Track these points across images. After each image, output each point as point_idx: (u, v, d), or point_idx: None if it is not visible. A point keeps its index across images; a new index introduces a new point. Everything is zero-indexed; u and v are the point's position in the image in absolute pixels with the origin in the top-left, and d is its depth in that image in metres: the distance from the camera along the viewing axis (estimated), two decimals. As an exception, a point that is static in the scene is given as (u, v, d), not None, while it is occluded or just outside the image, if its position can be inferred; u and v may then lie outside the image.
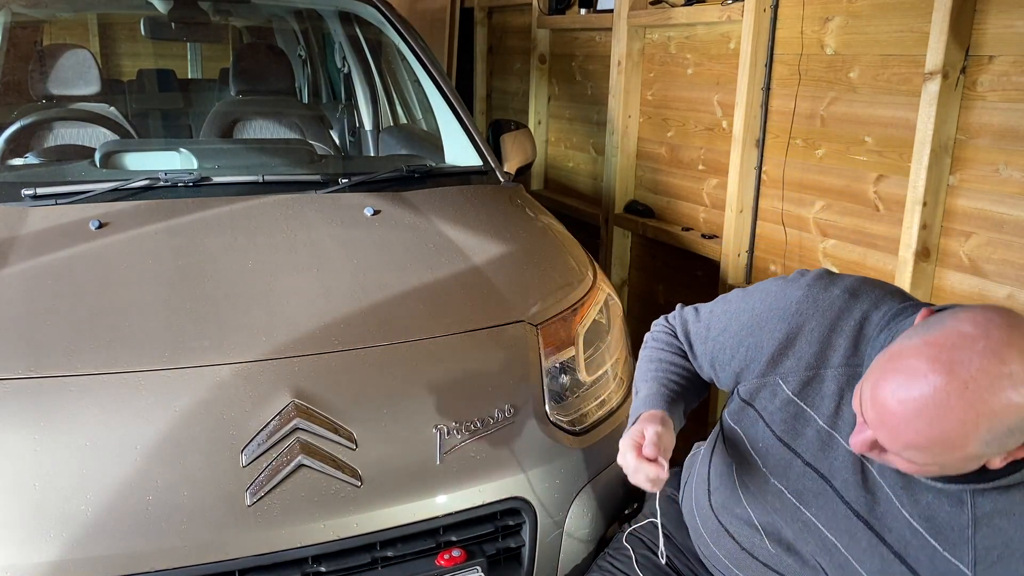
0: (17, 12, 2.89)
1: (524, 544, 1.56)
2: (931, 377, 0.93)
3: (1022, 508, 1.02)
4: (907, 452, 0.98)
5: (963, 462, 0.97)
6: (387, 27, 2.80)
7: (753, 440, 1.26)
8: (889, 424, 0.97)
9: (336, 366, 1.53)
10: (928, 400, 0.93)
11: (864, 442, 1.02)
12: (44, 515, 1.28)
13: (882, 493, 1.12)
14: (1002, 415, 0.91)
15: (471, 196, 2.24)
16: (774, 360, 1.22)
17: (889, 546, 1.11)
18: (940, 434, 0.93)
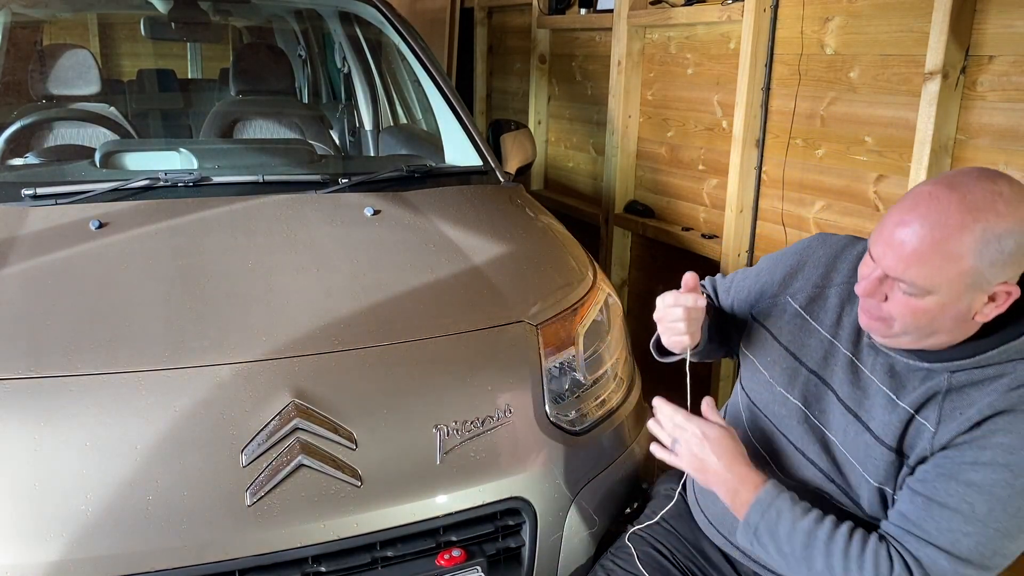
0: (17, 12, 2.89)
1: (524, 544, 1.56)
2: (933, 191, 1.11)
3: (992, 382, 1.16)
4: (911, 271, 1.11)
5: (960, 287, 1.10)
6: (387, 27, 2.80)
7: (763, 356, 1.41)
8: (896, 239, 1.12)
9: (336, 366, 1.53)
10: (931, 207, 1.10)
11: (872, 280, 1.17)
12: (44, 515, 1.28)
13: (872, 387, 1.26)
14: (994, 223, 1.07)
15: (471, 196, 2.24)
16: (785, 282, 1.42)
17: (876, 436, 1.25)
18: (941, 237, 1.08)
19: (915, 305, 1.14)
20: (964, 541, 1.12)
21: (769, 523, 1.23)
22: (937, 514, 1.15)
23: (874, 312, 1.20)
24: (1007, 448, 1.12)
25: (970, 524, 1.12)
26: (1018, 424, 1.13)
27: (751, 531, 1.25)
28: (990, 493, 1.12)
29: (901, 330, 1.19)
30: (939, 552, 1.13)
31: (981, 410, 1.15)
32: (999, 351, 1.16)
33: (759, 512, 1.24)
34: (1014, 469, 1.11)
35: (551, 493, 1.58)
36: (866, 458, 1.26)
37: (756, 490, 1.26)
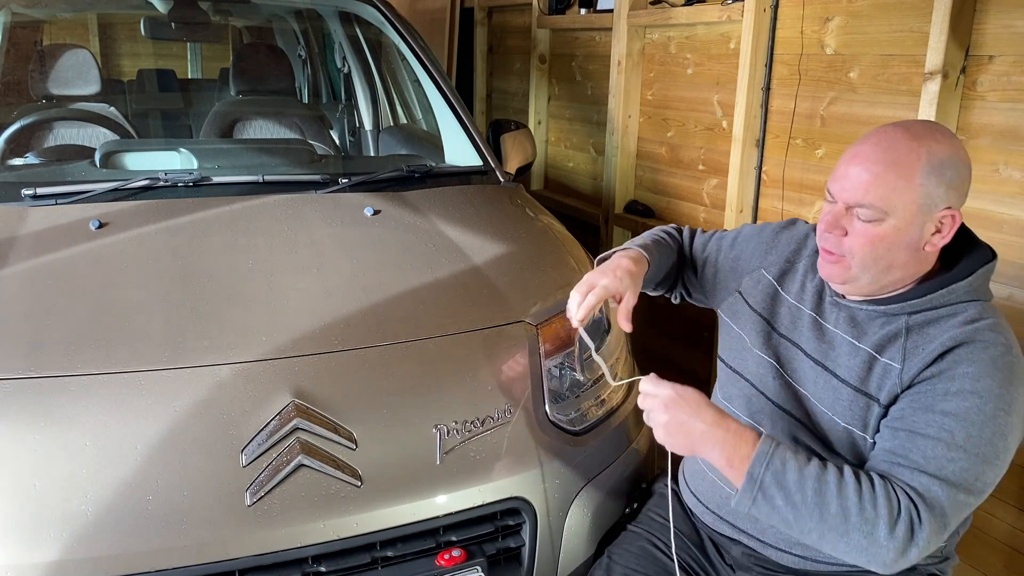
0: (17, 12, 2.89)
1: (524, 544, 1.56)
2: (880, 129, 1.26)
3: (947, 319, 1.26)
4: (870, 194, 1.22)
5: (913, 208, 1.22)
6: (387, 27, 2.80)
7: (742, 323, 1.51)
8: (853, 169, 1.24)
9: (336, 366, 1.53)
10: (880, 138, 1.25)
11: (832, 213, 1.27)
12: (44, 515, 1.28)
13: (837, 339, 1.35)
14: (936, 149, 1.22)
15: (471, 196, 2.24)
16: (762, 256, 1.54)
17: (841, 379, 1.32)
18: (893, 159, 1.22)
19: (874, 233, 1.24)
20: (950, 467, 1.17)
21: (776, 473, 1.18)
22: (921, 444, 1.19)
23: (835, 250, 1.28)
24: (973, 376, 1.19)
25: (952, 451, 1.17)
26: (978, 353, 1.21)
27: (755, 486, 1.19)
28: (966, 419, 1.18)
29: (860, 267, 1.27)
30: (931, 479, 1.17)
31: (943, 343, 1.23)
32: (947, 291, 1.27)
33: (763, 463, 1.19)
34: (983, 395, 1.18)
35: (551, 493, 1.58)
36: (834, 401, 1.33)
37: (754, 443, 1.21)
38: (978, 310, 1.26)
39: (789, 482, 1.18)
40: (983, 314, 1.26)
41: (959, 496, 1.17)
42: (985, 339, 1.22)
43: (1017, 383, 1.20)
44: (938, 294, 1.27)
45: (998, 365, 1.20)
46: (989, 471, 1.18)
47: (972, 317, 1.25)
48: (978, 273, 1.28)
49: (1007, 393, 1.19)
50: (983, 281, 1.30)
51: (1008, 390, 1.19)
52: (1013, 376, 1.20)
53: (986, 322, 1.24)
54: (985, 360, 1.20)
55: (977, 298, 1.28)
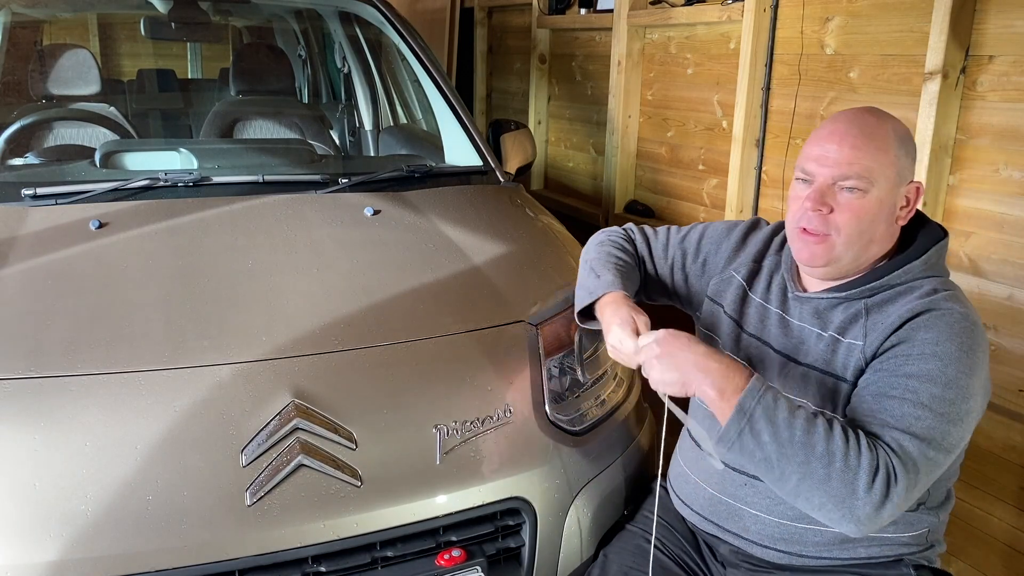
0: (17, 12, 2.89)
1: (524, 544, 1.56)
2: (841, 113, 1.33)
3: (905, 295, 1.30)
4: (855, 165, 1.26)
5: (892, 177, 1.27)
6: (387, 27, 2.80)
7: (713, 325, 1.54)
8: (831, 146, 1.28)
9: (336, 366, 1.52)
10: (848, 117, 1.31)
11: (817, 190, 1.29)
12: (44, 515, 1.28)
13: (804, 332, 1.38)
14: (897, 126, 1.31)
15: (471, 196, 2.24)
16: (731, 258, 1.56)
17: (808, 365, 1.36)
18: (870, 132, 1.28)
19: (859, 205, 1.27)
20: (918, 424, 1.19)
21: (767, 408, 1.17)
22: (888, 404, 1.22)
23: (821, 229, 1.29)
24: (932, 341, 1.23)
25: (919, 409, 1.20)
26: (935, 320, 1.24)
27: (744, 418, 1.17)
28: (929, 380, 1.21)
29: (845, 244, 1.29)
30: (902, 434, 1.19)
31: (901, 315, 1.27)
32: (903, 270, 1.31)
33: (755, 396, 1.18)
34: (943, 359, 1.21)
35: (551, 493, 1.58)
36: (803, 388, 1.35)
37: (747, 377, 1.21)
38: (934, 285, 1.30)
39: (779, 418, 1.17)
40: (940, 287, 1.30)
41: (929, 452, 1.18)
42: (943, 307, 1.25)
43: (977, 348, 1.23)
44: (894, 274, 1.31)
45: (956, 330, 1.23)
46: (955, 430, 1.21)
47: (929, 291, 1.29)
48: (932, 251, 1.32)
49: (967, 357, 1.22)
50: (937, 258, 1.34)
51: (968, 354, 1.22)
52: (973, 342, 1.23)
53: (944, 293, 1.28)
54: (943, 326, 1.23)
55: (933, 274, 1.33)
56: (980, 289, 2.09)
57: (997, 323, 2.05)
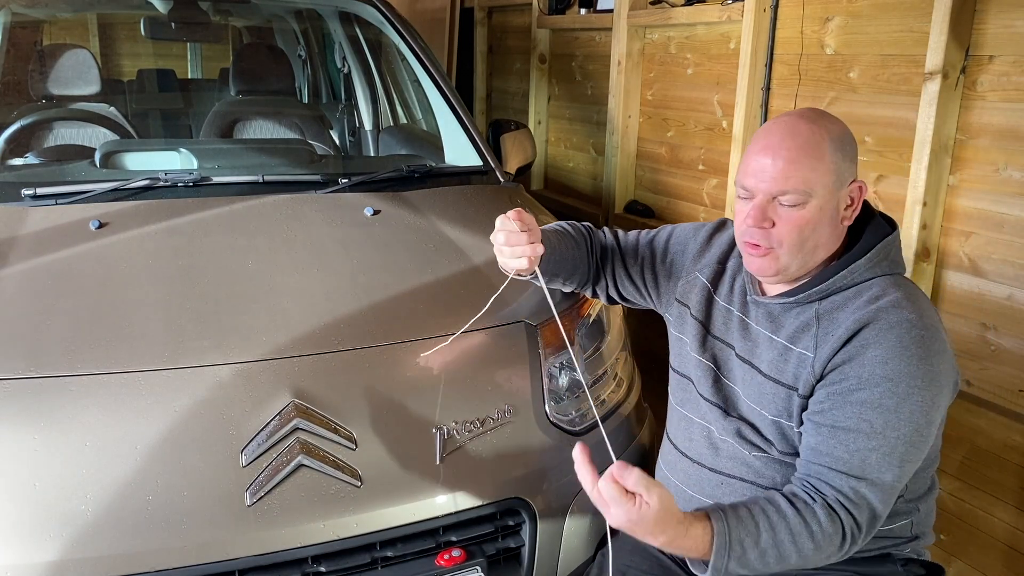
0: (17, 12, 2.89)
1: (524, 544, 1.56)
2: (775, 121, 1.32)
3: (853, 300, 1.30)
4: (791, 179, 1.26)
5: (829, 184, 1.27)
6: (387, 27, 2.80)
7: (683, 329, 1.54)
8: (766, 160, 1.27)
9: (336, 366, 1.53)
10: (781, 128, 1.29)
11: (757, 207, 1.29)
12: (44, 515, 1.28)
13: (760, 336, 1.39)
14: (833, 128, 1.29)
15: (471, 196, 2.24)
16: (695, 259, 1.56)
17: (764, 374, 1.36)
18: (803, 143, 1.26)
19: (798, 217, 1.27)
20: (871, 457, 1.21)
21: (738, 558, 1.20)
22: (843, 438, 1.23)
23: (763, 244, 1.31)
24: (881, 360, 1.22)
25: (872, 439, 1.21)
26: (883, 334, 1.24)
27: (720, 572, 1.20)
28: (880, 406, 1.21)
29: (789, 255, 1.30)
30: (859, 481, 1.21)
31: (848, 327, 1.26)
32: (849, 271, 1.30)
33: (724, 556, 1.19)
34: (893, 378, 1.21)
35: (551, 493, 1.58)
36: (760, 396, 1.36)
37: (710, 541, 1.18)
38: (882, 287, 1.29)
39: (751, 560, 1.21)
40: (887, 290, 1.28)
41: (886, 485, 1.22)
42: (889, 318, 1.25)
43: (929, 354, 1.23)
44: (840, 275, 1.30)
45: (904, 343, 1.22)
46: (911, 450, 1.23)
47: (875, 295, 1.28)
48: (877, 248, 1.31)
49: (918, 368, 1.22)
50: (884, 256, 1.32)
51: (919, 365, 1.22)
52: (923, 349, 1.23)
53: (889, 299, 1.27)
54: (891, 341, 1.23)
55: (882, 273, 1.31)
56: (980, 289, 2.09)
57: (997, 323, 2.05)
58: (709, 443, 1.44)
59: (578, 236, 1.64)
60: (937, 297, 2.20)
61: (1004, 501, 2.07)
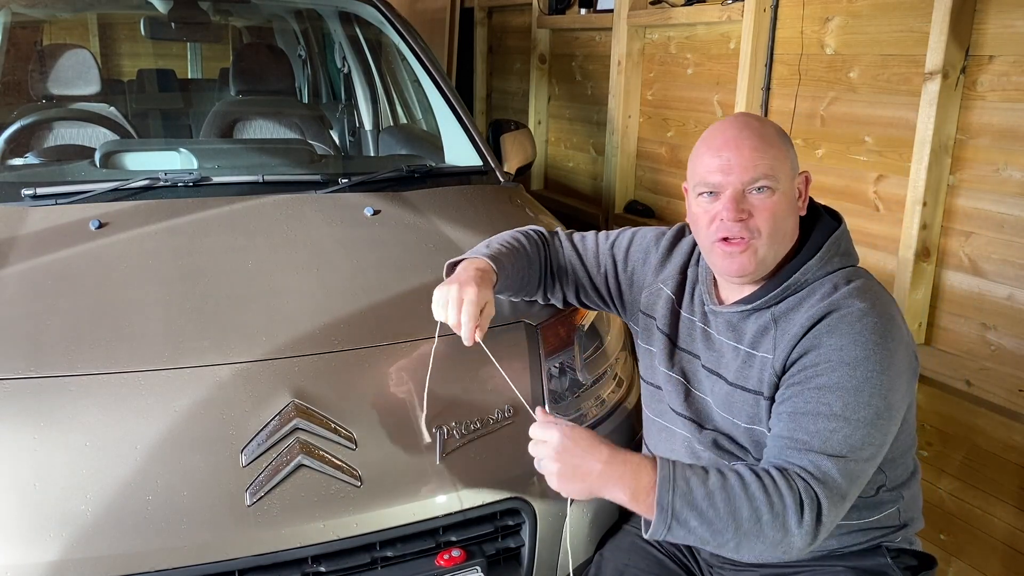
0: (17, 12, 2.89)
1: (524, 544, 1.56)
2: (720, 123, 1.34)
3: (807, 299, 1.30)
4: (759, 165, 1.28)
5: (788, 170, 1.31)
6: (387, 27, 2.80)
7: (651, 342, 1.54)
8: (727, 155, 1.29)
9: (336, 366, 1.52)
10: (731, 125, 1.32)
11: (730, 200, 1.29)
12: (44, 515, 1.28)
13: (724, 346, 1.40)
14: (774, 124, 1.35)
15: (471, 196, 2.24)
16: (657, 270, 1.56)
17: (731, 383, 1.37)
18: (759, 133, 1.30)
19: (772, 203, 1.29)
20: (834, 438, 1.21)
21: (683, 495, 1.16)
22: (803, 421, 1.23)
23: (745, 236, 1.30)
24: (837, 347, 1.24)
25: (833, 421, 1.21)
26: (839, 323, 1.25)
27: (667, 514, 1.16)
28: (839, 388, 1.22)
29: (767, 245, 1.31)
30: (819, 456, 1.20)
31: (803, 324, 1.28)
32: (801, 273, 1.31)
33: (668, 489, 1.16)
34: (850, 363, 1.22)
35: (551, 493, 1.57)
36: (730, 405, 1.37)
37: (653, 470, 1.17)
38: (834, 282, 1.30)
39: (698, 499, 1.16)
40: (840, 285, 1.30)
41: (849, 466, 1.20)
42: (844, 306, 1.26)
43: (886, 340, 1.24)
44: (793, 278, 1.31)
45: (858, 330, 1.23)
46: (874, 433, 1.22)
47: (828, 291, 1.29)
48: (827, 245, 1.32)
49: (875, 354, 1.22)
50: (835, 251, 1.33)
51: (876, 351, 1.22)
52: (880, 335, 1.24)
53: (844, 291, 1.28)
54: (846, 328, 1.24)
55: (834, 269, 1.32)
56: (980, 289, 2.09)
57: (997, 323, 2.05)
58: (691, 453, 1.44)
59: (532, 252, 1.61)
60: (937, 297, 2.20)
61: (1004, 501, 2.07)
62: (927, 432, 2.25)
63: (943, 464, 2.22)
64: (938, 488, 2.23)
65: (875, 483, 1.35)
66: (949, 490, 2.21)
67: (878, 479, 1.35)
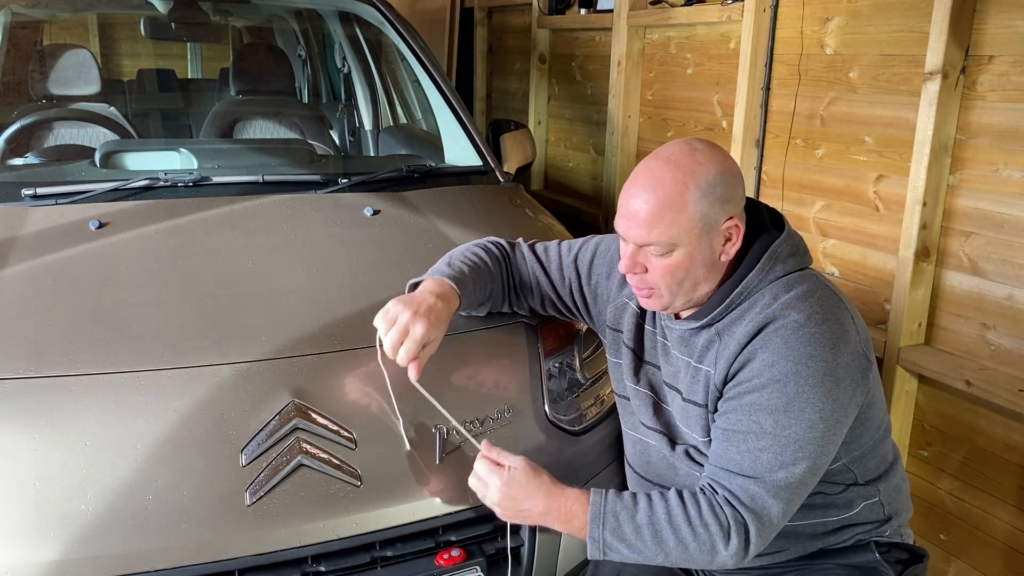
0: (17, 12, 2.89)
1: (523, 544, 1.56)
2: (647, 163, 1.30)
3: (746, 313, 1.30)
4: (653, 233, 1.26)
5: (696, 233, 1.26)
6: (387, 27, 2.80)
7: (617, 353, 1.54)
8: (632, 211, 1.28)
9: (336, 366, 1.53)
10: (647, 177, 1.28)
11: (628, 257, 1.31)
12: (44, 515, 1.28)
13: (678, 360, 1.41)
14: (701, 173, 1.26)
15: (471, 196, 2.24)
16: (621, 284, 1.54)
17: (685, 398, 1.39)
18: (665, 196, 1.25)
19: (668, 264, 1.29)
20: (763, 457, 1.23)
21: (612, 530, 1.26)
22: (735, 440, 1.26)
23: (642, 286, 1.34)
24: (768, 363, 1.25)
25: (762, 439, 1.24)
26: (770, 339, 1.26)
27: (599, 543, 1.27)
28: (769, 406, 1.24)
29: (669, 295, 1.33)
30: (747, 480, 1.24)
31: (739, 340, 1.29)
32: (741, 288, 1.31)
33: (598, 525, 1.27)
34: (780, 379, 1.23)
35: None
36: (688, 419, 1.39)
37: (586, 506, 1.29)
38: (774, 292, 1.30)
39: (626, 533, 1.26)
40: (779, 295, 1.29)
41: (780, 484, 1.23)
42: (780, 317, 1.26)
43: (822, 350, 1.23)
44: (733, 295, 1.31)
45: (790, 343, 1.24)
46: (807, 447, 1.23)
47: (768, 302, 1.29)
48: (764, 258, 1.31)
49: (806, 367, 1.23)
50: (774, 261, 1.32)
51: (808, 363, 1.23)
52: (811, 347, 1.23)
53: (783, 300, 1.28)
54: (777, 344, 1.25)
55: (776, 278, 1.31)
56: (980, 289, 2.09)
57: (997, 323, 2.05)
58: (668, 465, 1.45)
59: (494, 267, 1.62)
60: (937, 297, 2.20)
61: (1004, 501, 2.07)
62: (927, 432, 2.25)
63: (943, 464, 2.22)
64: (938, 488, 2.23)
65: (842, 480, 1.36)
66: (949, 490, 2.21)
67: (845, 477, 1.36)
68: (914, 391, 2.26)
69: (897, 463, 1.45)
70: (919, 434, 2.28)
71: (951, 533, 2.21)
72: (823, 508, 1.36)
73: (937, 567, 2.24)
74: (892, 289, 2.23)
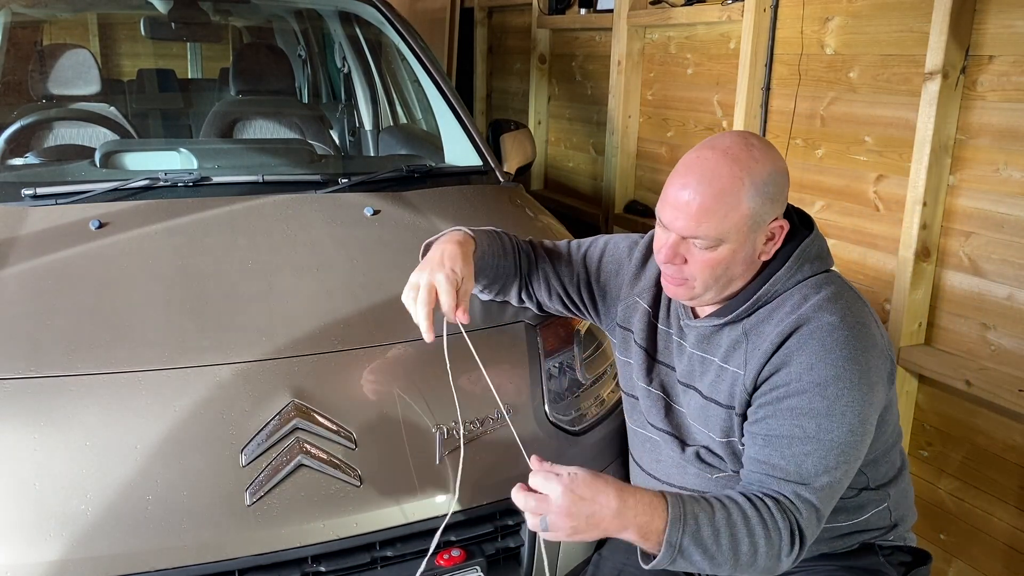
0: (17, 12, 2.89)
1: (523, 544, 1.56)
2: (700, 154, 1.26)
3: (776, 312, 1.29)
4: (703, 226, 1.24)
5: (744, 231, 1.24)
6: (387, 27, 2.80)
7: (627, 352, 1.53)
8: (682, 201, 1.25)
9: (336, 366, 1.53)
10: (703, 168, 1.24)
11: (669, 247, 1.28)
12: (44, 515, 1.28)
13: (695, 358, 1.39)
14: (756, 170, 1.23)
15: (471, 196, 2.24)
16: (632, 283, 1.53)
17: (705, 396, 1.37)
18: (719, 189, 1.23)
19: (711, 258, 1.27)
20: (807, 462, 1.22)
21: (692, 534, 1.17)
22: (779, 445, 1.24)
23: (677, 277, 1.32)
24: (807, 366, 1.23)
25: (807, 444, 1.22)
26: (807, 341, 1.24)
27: (674, 549, 1.17)
28: (811, 410, 1.22)
29: (703, 288, 1.31)
30: (797, 486, 1.22)
31: (773, 340, 1.26)
32: (770, 284, 1.30)
33: (679, 529, 1.17)
34: (821, 383, 1.22)
35: (551, 493, 1.58)
36: (706, 419, 1.37)
37: (664, 511, 1.17)
38: (804, 293, 1.29)
39: (705, 537, 1.18)
40: (809, 296, 1.28)
41: (825, 487, 1.23)
42: (814, 319, 1.25)
43: (857, 353, 1.23)
44: (762, 291, 1.30)
45: (828, 346, 1.23)
46: (848, 450, 1.23)
47: (798, 303, 1.28)
48: (794, 256, 1.30)
49: (844, 371, 1.22)
50: (803, 260, 1.31)
51: (846, 366, 1.22)
52: (848, 350, 1.23)
53: (814, 301, 1.27)
54: (815, 347, 1.23)
55: (804, 278, 1.31)
56: (980, 289, 2.09)
57: (997, 323, 2.05)
58: (677, 464, 1.44)
59: (508, 245, 1.60)
60: (937, 297, 2.20)
61: (1004, 501, 2.07)
62: (927, 432, 2.25)
63: (943, 464, 2.22)
64: (938, 488, 2.23)
65: (856, 484, 1.36)
66: (949, 490, 2.21)
67: (859, 480, 1.36)
68: (914, 391, 2.26)
69: (905, 469, 1.45)
70: (919, 434, 2.28)
71: (951, 533, 2.21)
72: (833, 512, 1.34)
73: (937, 567, 2.24)
74: (892, 289, 2.23)
